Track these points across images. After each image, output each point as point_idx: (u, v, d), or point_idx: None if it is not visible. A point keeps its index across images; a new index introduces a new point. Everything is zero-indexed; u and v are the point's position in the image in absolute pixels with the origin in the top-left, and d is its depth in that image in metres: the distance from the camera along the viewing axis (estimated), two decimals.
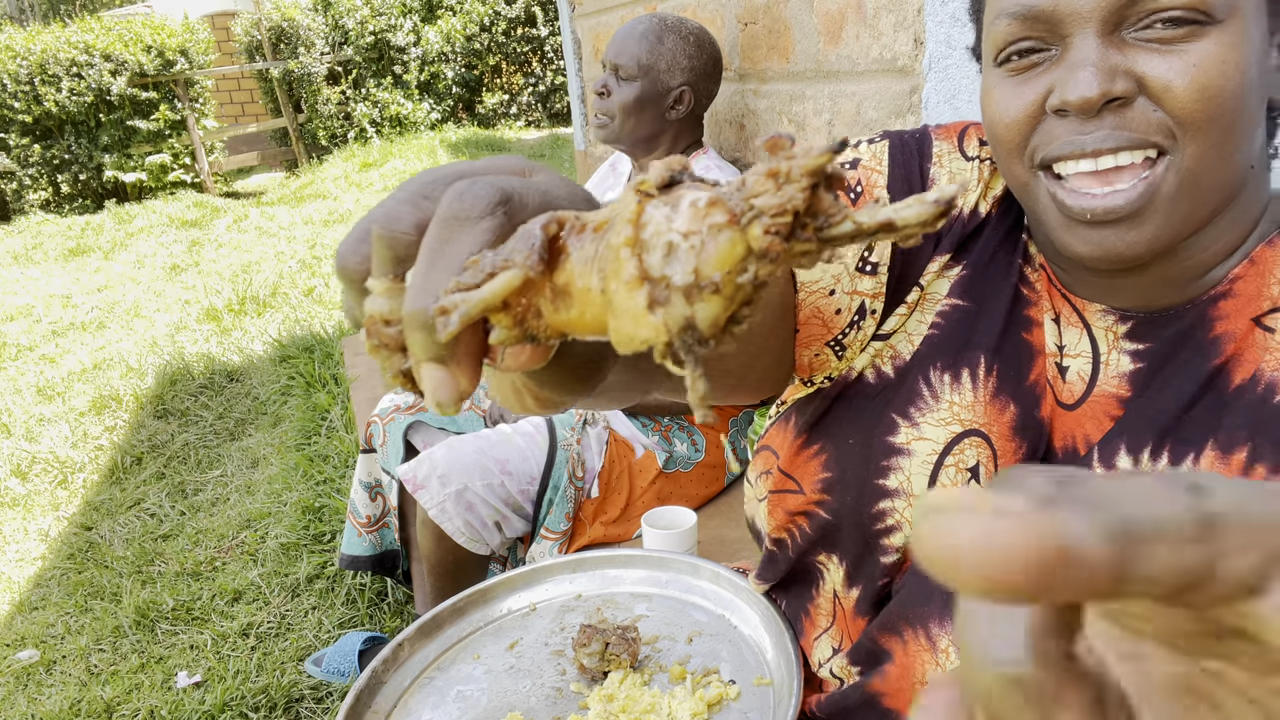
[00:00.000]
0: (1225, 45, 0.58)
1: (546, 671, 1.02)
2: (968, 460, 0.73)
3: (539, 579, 1.15)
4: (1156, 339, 0.67)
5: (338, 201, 7.65)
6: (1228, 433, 0.62)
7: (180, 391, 4.07)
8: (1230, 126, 0.60)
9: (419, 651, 1.04)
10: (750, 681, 0.94)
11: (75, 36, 8.77)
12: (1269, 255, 0.65)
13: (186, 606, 2.50)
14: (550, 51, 10.35)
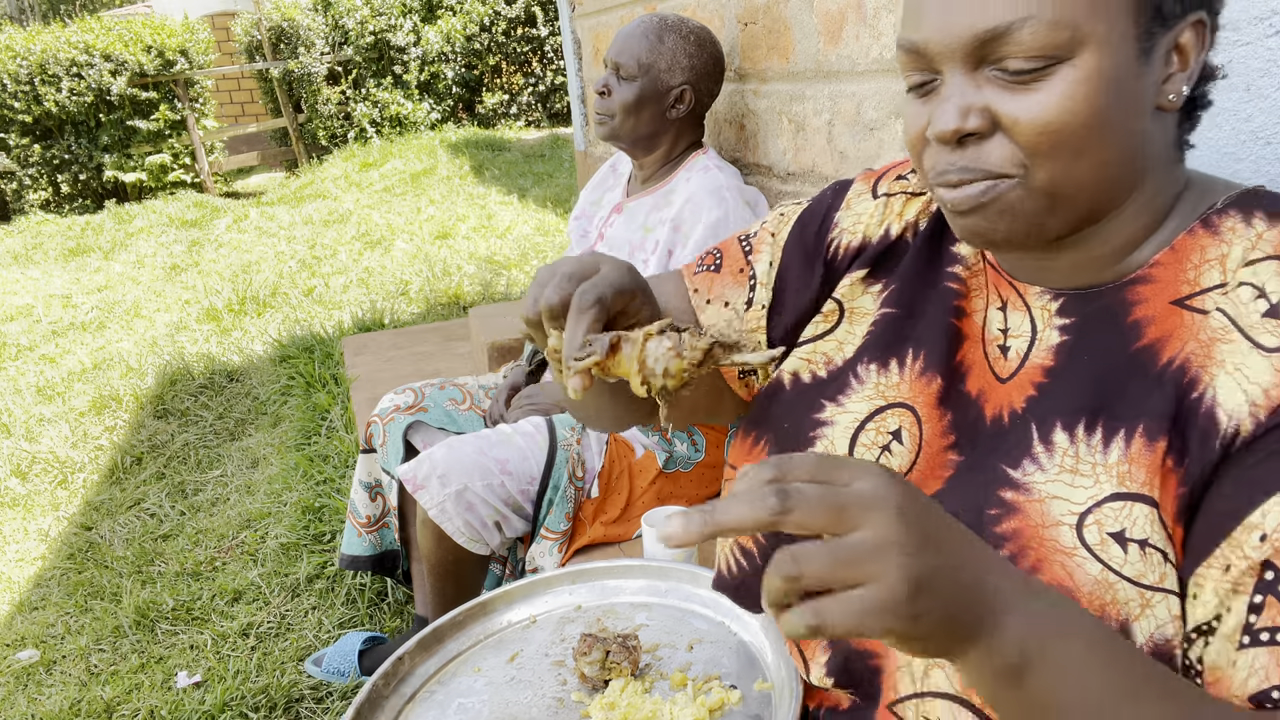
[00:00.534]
0: (1073, 82, 0.64)
1: (547, 682, 1.02)
2: (889, 425, 0.81)
3: (539, 591, 1.15)
4: (1080, 314, 0.73)
5: (338, 201, 7.66)
6: (1154, 419, 0.65)
7: (180, 391, 4.08)
8: (1078, 151, 0.66)
9: (420, 665, 1.04)
10: (751, 686, 0.94)
11: (75, 36, 8.77)
12: (1189, 243, 0.69)
13: (186, 606, 2.50)
14: (550, 51, 10.35)
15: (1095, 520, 0.65)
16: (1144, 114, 0.67)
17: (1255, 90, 0.92)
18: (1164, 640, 0.63)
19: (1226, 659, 0.60)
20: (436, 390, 2.08)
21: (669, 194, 1.88)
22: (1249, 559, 0.59)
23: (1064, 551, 0.66)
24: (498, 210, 6.74)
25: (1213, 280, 0.67)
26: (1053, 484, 0.68)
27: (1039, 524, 0.67)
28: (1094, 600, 0.64)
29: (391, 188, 7.79)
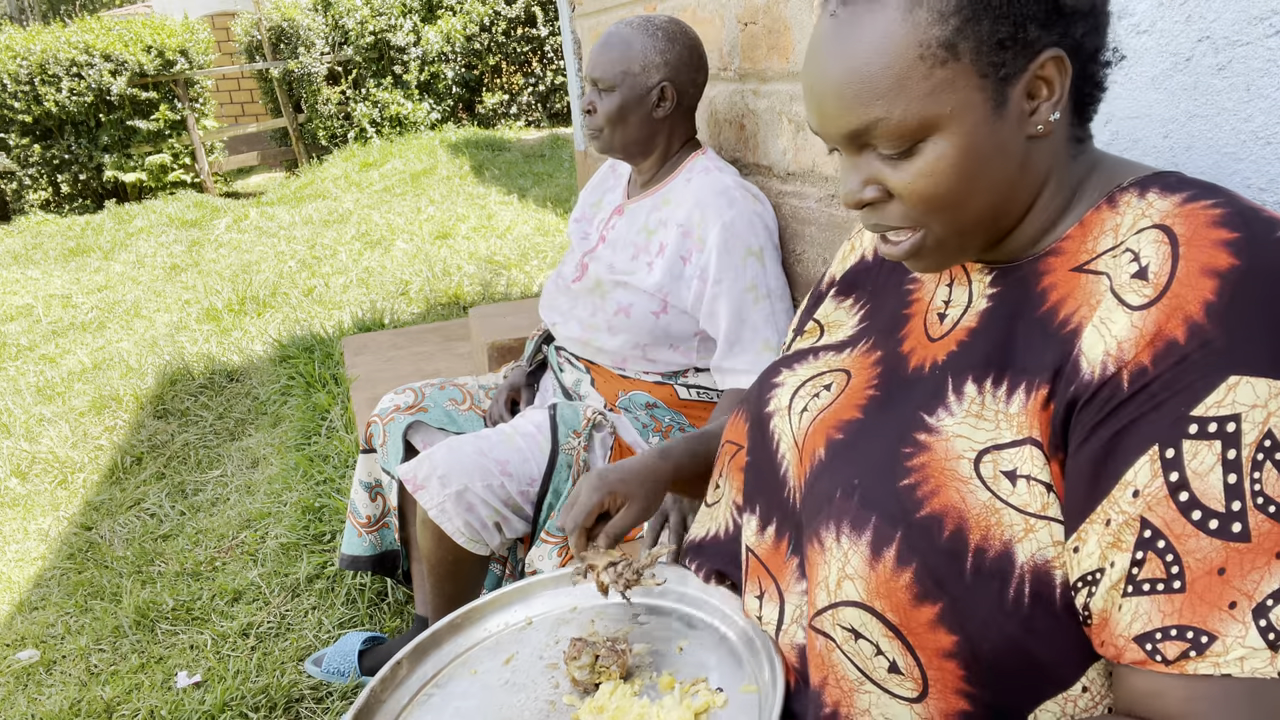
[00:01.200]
0: (938, 154, 0.74)
1: (540, 685, 1.04)
2: (824, 381, 0.94)
3: (535, 592, 1.18)
4: (1004, 284, 0.83)
5: (338, 201, 7.66)
6: (1043, 372, 0.74)
7: (180, 391, 4.08)
8: (959, 205, 0.77)
9: (417, 670, 1.07)
10: (737, 689, 0.96)
11: (75, 36, 8.77)
12: (1094, 218, 0.78)
13: (186, 606, 2.50)
14: (550, 51, 10.35)
15: (992, 460, 0.75)
16: (1014, 151, 0.76)
17: (1255, 90, 0.92)
18: (1044, 561, 0.72)
19: (1113, 603, 0.68)
20: (436, 390, 2.08)
21: (667, 194, 1.87)
22: (1125, 513, 0.67)
23: (960, 480, 0.75)
24: (498, 210, 6.74)
25: (1106, 245, 0.76)
26: (959, 426, 0.78)
27: (943, 457, 0.77)
28: (981, 521, 0.73)
29: (391, 188, 7.80)
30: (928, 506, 0.75)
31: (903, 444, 0.80)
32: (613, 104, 1.82)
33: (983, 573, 0.72)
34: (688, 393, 1.85)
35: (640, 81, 1.81)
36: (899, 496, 0.77)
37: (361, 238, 6.41)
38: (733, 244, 1.75)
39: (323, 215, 7.27)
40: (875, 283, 1.01)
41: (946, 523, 0.74)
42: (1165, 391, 0.66)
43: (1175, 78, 0.99)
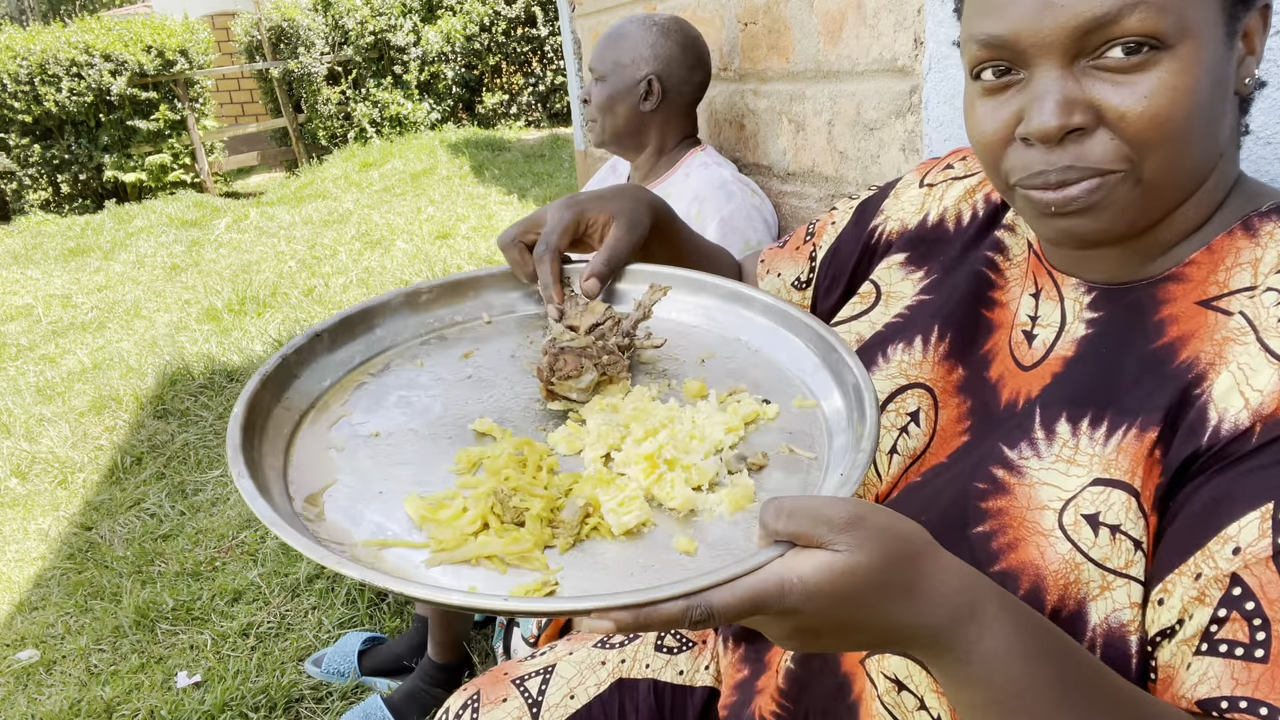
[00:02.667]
0: (1175, 72, 0.62)
1: (516, 382, 0.83)
2: (908, 406, 0.82)
3: (496, 286, 0.94)
4: (1109, 309, 0.72)
5: (338, 201, 7.65)
6: (1152, 412, 0.64)
7: (180, 391, 4.07)
8: (1185, 140, 0.64)
9: (341, 348, 0.85)
10: (790, 403, 0.79)
11: (75, 36, 8.76)
12: (1226, 244, 0.68)
13: (186, 606, 2.50)
14: (550, 51, 10.34)
15: (1075, 504, 0.65)
16: (1229, 97, 0.66)
17: None
18: (1118, 624, 0.63)
19: (1181, 660, 0.60)
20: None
21: (666, 190, 1.88)
22: (1219, 569, 0.58)
23: (1041, 533, 0.66)
24: (498, 210, 6.74)
25: (1242, 283, 0.66)
26: (1047, 471, 0.68)
27: (1024, 506, 0.67)
28: (1058, 579, 0.64)
29: (391, 188, 7.79)
30: (1003, 561, 0.67)
31: (977, 478, 0.71)
32: (603, 93, 1.87)
33: None
34: None
35: (629, 73, 1.85)
36: (971, 545, 0.68)
37: (361, 238, 6.41)
38: (730, 237, 1.75)
39: (323, 215, 7.27)
40: (948, 259, 0.88)
41: (1022, 580, 0.66)
42: None
43: None
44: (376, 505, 0.68)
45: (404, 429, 0.77)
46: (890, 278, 0.91)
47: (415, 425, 0.77)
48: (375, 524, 0.66)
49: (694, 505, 0.67)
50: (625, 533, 0.64)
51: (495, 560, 0.62)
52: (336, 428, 0.77)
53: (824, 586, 0.52)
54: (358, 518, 0.67)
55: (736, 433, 0.74)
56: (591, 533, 0.65)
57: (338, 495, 0.69)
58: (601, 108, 1.89)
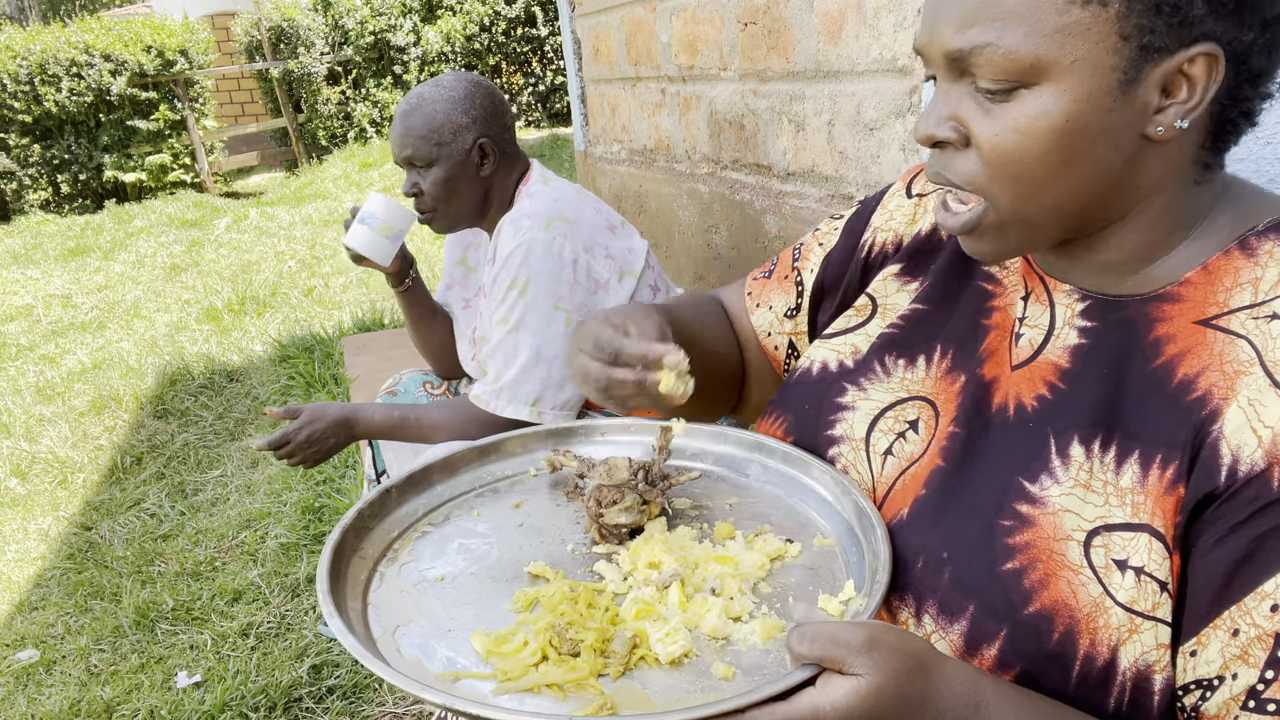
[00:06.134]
0: (1035, 112, 0.64)
1: (565, 529, 0.93)
2: (908, 415, 0.83)
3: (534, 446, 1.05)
4: (1102, 321, 0.72)
5: (338, 201, 7.66)
6: (1167, 447, 0.65)
7: (180, 391, 4.07)
8: (1040, 183, 0.66)
9: (407, 503, 0.96)
10: (810, 541, 0.86)
11: (75, 36, 8.77)
12: (1223, 264, 0.68)
13: (186, 606, 2.50)
14: (550, 51, 10.34)
15: (1103, 544, 0.66)
16: (1123, 143, 0.66)
17: None
18: (1146, 666, 0.64)
19: (1228, 713, 0.61)
20: (415, 374, 2.11)
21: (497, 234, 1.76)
22: (1260, 628, 0.59)
23: (1071, 569, 0.66)
24: None
25: (1243, 301, 0.66)
26: (1066, 497, 0.69)
27: (1050, 536, 0.68)
28: (1089, 622, 0.65)
29: (391, 188, 7.79)
30: (1037, 601, 0.67)
31: (1001, 515, 0.71)
32: (439, 179, 1.71)
33: (1088, 683, 0.65)
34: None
35: (457, 148, 1.71)
36: (1003, 584, 0.68)
37: None
38: (502, 275, 1.67)
39: (323, 215, 7.27)
40: (941, 266, 0.88)
41: (1057, 623, 0.66)
42: None
43: None
44: (446, 642, 0.76)
45: (465, 573, 0.86)
46: (886, 289, 0.92)
47: (475, 569, 0.87)
48: (446, 658, 0.74)
49: (729, 634, 0.75)
50: (671, 661, 0.72)
51: (555, 688, 0.70)
52: (406, 573, 0.87)
53: (854, 711, 0.58)
54: (430, 653, 0.75)
55: (765, 569, 0.82)
56: (639, 661, 0.72)
57: (411, 633, 0.78)
58: (441, 196, 1.72)
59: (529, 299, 1.62)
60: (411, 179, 1.74)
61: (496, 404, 1.63)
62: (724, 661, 0.71)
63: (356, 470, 2.98)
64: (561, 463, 1.00)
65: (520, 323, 1.62)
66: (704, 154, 2.39)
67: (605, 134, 3.13)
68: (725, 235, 2.31)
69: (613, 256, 1.69)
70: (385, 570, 0.87)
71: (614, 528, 0.88)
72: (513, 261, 1.62)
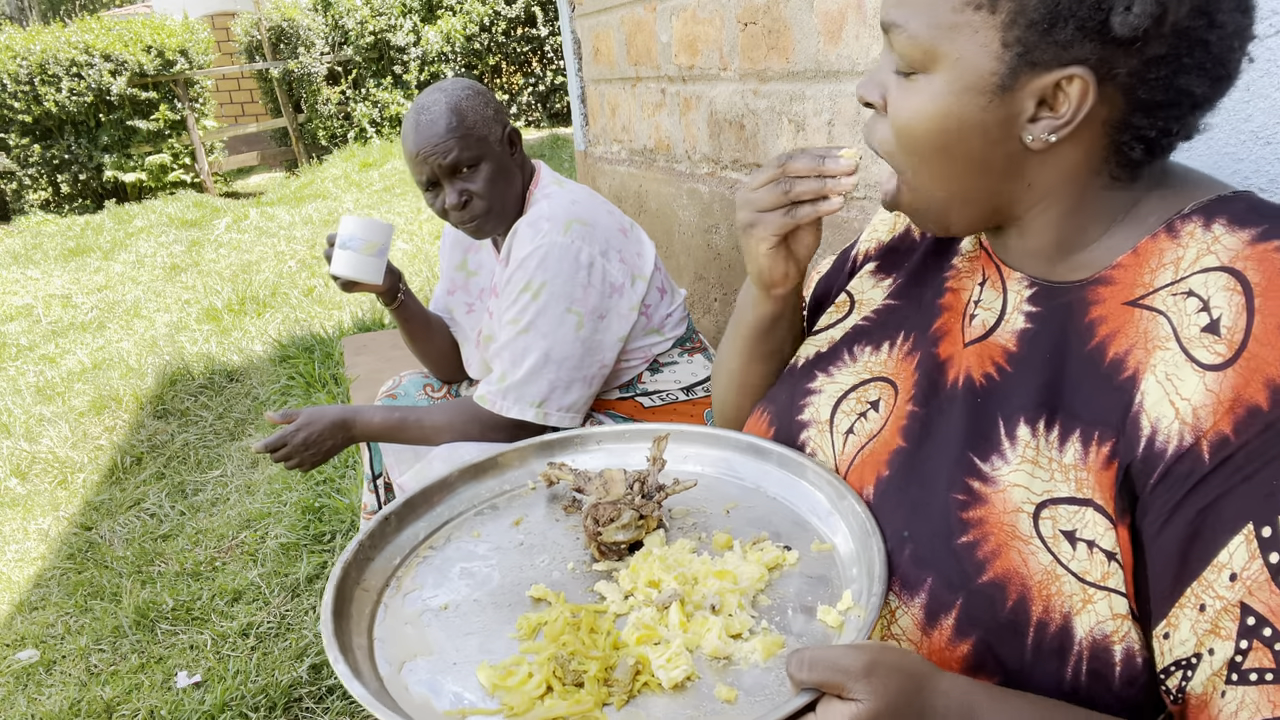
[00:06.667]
0: (926, 94, 0.71)
1: (564, 546, 0.93)
2: (870, 395, 0.88)
3: (531, 458, 1.05)
4: (1046, 306, 0.76)
5: (338, 201, 7.66)
6: (1103, 426, 0.68)
7: (180, 391, 4.08)
8: (926, 159, 0.73)
9: (408, 527, 0.95)
10: (808, 547, 0.86)
11: (75, 36, 8.77)
12: (1150, 247, 0.71)
13: (186, 606, 2.50)
14: (550, 51, 10.35)
15: (1051, 516, 0.69)
16: (998, 143, 0.70)
17: (1255, 90, 0.92)
18: (1103, 636, 0.67)
19: (1214, 689, 0.62)
20: (416, 376, 2.10)
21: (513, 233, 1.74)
22: (1224, 599, 0.61)
23: (1021, 539, 0.70)
24: None
25: (1165, 279, 0.69)
26: (1015, 473, 0.72)
27: (1001, 510, 0.71)
28: (1042, 589, 0.68)
29: (391, 187, 7.79)
30: (990, 571, 0.70)
31: (955, 490, 0.74)
32: (489, 175, 1.66)
33: (1043, 649, 0.68)
34: (650, 400, 1.80)
35: (494, 139, 1.68)
36: (958, 557, 0.72)
37: None
38: (517, 276, 1.64)
39: (323, 215, 7.27)
40: (913, 263, 0.94)
41: (1010, 591, 0.69)
42: (1253, 463, 0.60)
43: None
44: (452, 676, 0.76)
45: (469, 600, 0.86)
46: (862, 286, 0.98)
47: (478, 596, 0.86)
48: (454, 694, 0.74)
49: (730, 653, 0.75)
50: (673, 686, 0.72)
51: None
52: (410, 603, 0.86)
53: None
54: (438, 689, 0.75)
55: (764, 580, 0.82)
56: (642, 688, 0.73)
57: (418, 669, 0.78)
58: (494, 195, 1.67)
59: (542, 301, 1.61)
60: (457, 188, 1.66)
61: (502, 404, 1.63)
62: (726, 684, 0.71)
63: (356, 470, 2.98)
64: (558, 477, 1.00)
65: (531, 324, 1.61)
66: (704, 154, 2.39)
67: (605, 134, 3.13)
68: (725, 235, 2.31)
69: (625, 260, 1.69)
70: (390, 601, 0.87)
71: (612, 545, 0.88)
72: (529, 264, 1.61)
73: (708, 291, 2.48)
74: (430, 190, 1.70)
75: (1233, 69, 0.68)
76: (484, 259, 1.96)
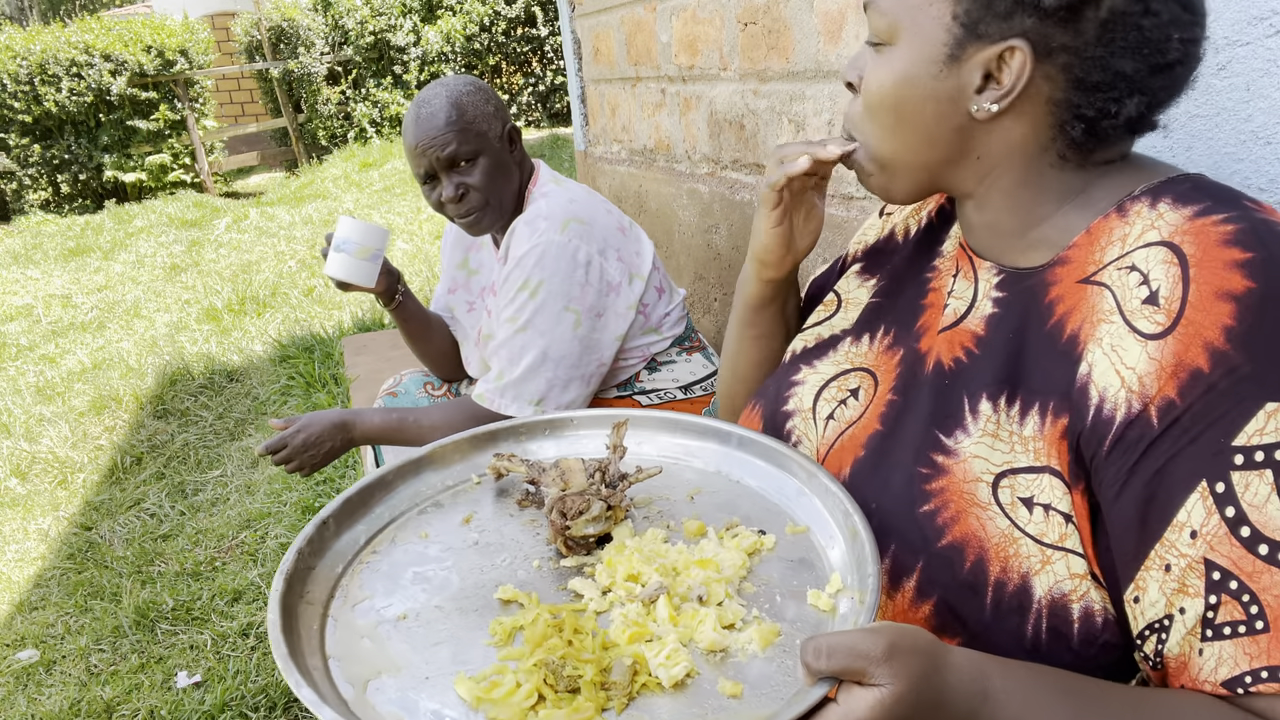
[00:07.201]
0: (886, 67, 0.77)
1: (524, 542, 0.86)
2: (850, 384, 0.91)
3: (477, 449, 0.98)
4: (1011, 291, 0.79)
5: (338, 201, 7.66)
6: (1059, 397, 0.70)
7: (180, 391, 4.07)
8: (889, 127, 0.79)
9: (346, 533, 0.87)
10: (783, 530, 0.83)
11: (75, 36, 8.77)
12: (1102, 226, 0.74)
13: (186, 606, 2.50)
14: (550, 51, 10.35)
15: (1009, 485, 0.72)
16: (948, 113, 0.76)
17: (1255, 90, 0.92)
18: (1061, 595, 0.69)
19: (1191, 648, 0.64)
20: (416, 375, 2.10)
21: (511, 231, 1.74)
22: (1187, 556, 0.63)
23: (979, 506, 0.73)
24: None
25: (1112, 255, 0.72)
26: (976, 446, 0.75)
27: (961, 480, 0.75)
28: (1000, 551, 0.71)
29: (391, 187, 7.79)
30: (949, 535, 0.73)
31: (919, 464, 0.77)
32: (487, 169, 1.66)
33: (1002, 607, 0.70)
34: (648, 399, 1.80)
35: (494, 134, 1.68)
36: (919, 524, 0.75)
37: None
38: (515, 275, 1.64)
39: (323, 215, 7.27)
40: (896, 264, 0.97)
41: (968, 553, 0.72)
42: (1199, 424, 0.62)
43: None
44: (427, 692, 0.68)
45: (429, 607, 0.78)
46: (848, 286, 1.01)
47: (439, 601, 0.78)
48: (432, 712, 0.66)
49: (727, 645, 0.71)
50: (674, 685, 0.67)
51: None
52: (362, 614, 0.78)
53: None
54: (413, 708, 0.67)
55: (745, 567, 0.79)
56: (641, 689, 0.68)
57: (385, 687, 0.69)
58: (491, 189, 1.67)
59: (539, 300, 1.61)
60: (455, 181, 1.66)
61: (500, 402, 1.63)
62: (728, 678, 0.68)
63: (357, 470, 2.98)
64: (508, 468, 0.94)
65: (529, 323, 1.61)
66: (704, 154, 2.39)
67: (605, 134, 3.13)
68: (725, 235, 2.31)
69: (623, 259, 1.69)
70: (338, 614, 0.78)
71: (581, 539, 0.83)
72: (526, 262, 1.61)
73: (708, 291, 2.48)
74: (428, 183, 1.70)
75: (1172, 58, 0.70)
76: (485, 257, 1.95)
